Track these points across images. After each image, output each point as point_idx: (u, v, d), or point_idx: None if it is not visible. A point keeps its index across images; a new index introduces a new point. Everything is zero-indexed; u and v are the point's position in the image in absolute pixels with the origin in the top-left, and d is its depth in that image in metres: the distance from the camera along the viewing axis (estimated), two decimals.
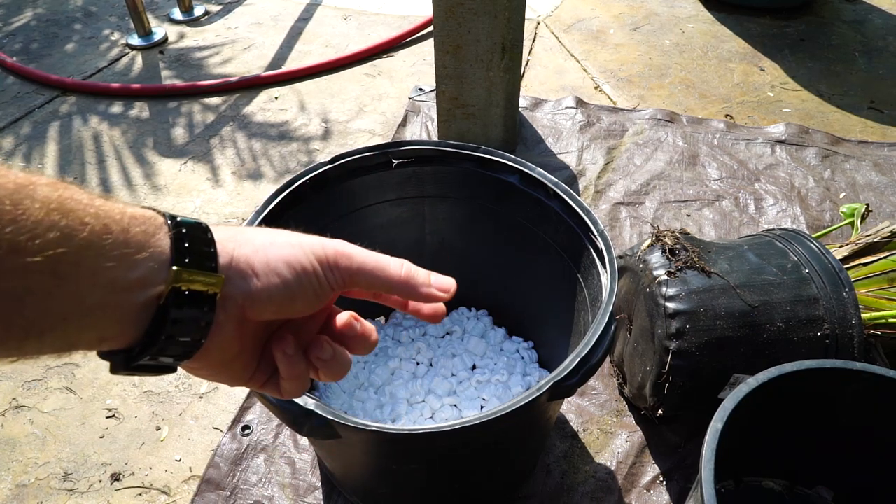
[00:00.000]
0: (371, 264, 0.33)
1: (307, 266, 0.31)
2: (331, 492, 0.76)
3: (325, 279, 0.32)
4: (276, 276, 0.30)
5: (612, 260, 0.62)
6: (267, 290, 0.30)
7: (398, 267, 0.34)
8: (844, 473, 0.70)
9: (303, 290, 0.31)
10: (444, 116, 1.19)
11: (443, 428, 0.50)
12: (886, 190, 1.19)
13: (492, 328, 0.88)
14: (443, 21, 1.05)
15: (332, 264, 0.32)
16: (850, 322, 0.70)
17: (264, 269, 0.30)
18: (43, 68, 1.56)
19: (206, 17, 1.80)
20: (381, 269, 0.33)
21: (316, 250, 0.32)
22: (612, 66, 1.57)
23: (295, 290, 0.30)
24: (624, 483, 0.77)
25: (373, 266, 0.33)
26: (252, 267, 0.30)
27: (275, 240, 0.31)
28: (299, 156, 1.31)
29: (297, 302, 0.31)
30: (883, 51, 1.61)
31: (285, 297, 0.30)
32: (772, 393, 0.57)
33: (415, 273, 0.35)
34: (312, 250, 0.31)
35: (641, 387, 0.76)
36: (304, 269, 0.31)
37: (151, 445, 0.83)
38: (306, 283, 0.31)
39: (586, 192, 1.19)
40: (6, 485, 0.79)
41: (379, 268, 0.33)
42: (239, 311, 0.30)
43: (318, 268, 0.31)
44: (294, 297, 0.31)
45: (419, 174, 0.76)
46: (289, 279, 0.30)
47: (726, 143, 1.29)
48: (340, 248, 0.33)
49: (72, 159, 1.30)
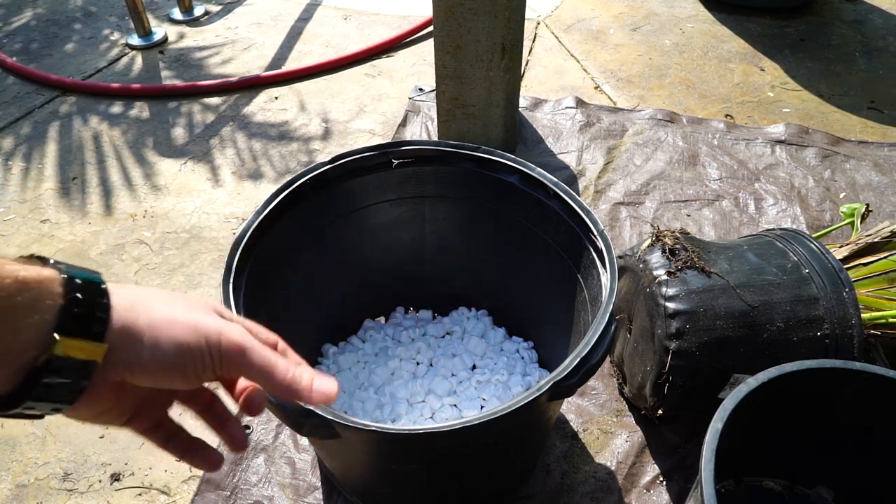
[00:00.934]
0: (258, 365, 0.34)
1: (196, 352, 0.32)
2: (331, 492, 0.76)
3: (210, 366, 0.32)
4: (162, 354, 0.31)
5: (612, 260, 0.62)
6: (149, 365, 0.30)
7: (284, 371, 0.34)
8: (844, 473, 0.70)
9: (184, 372, 0.32)
10: (444, 116, 1.19)
11: (443, 428, 0.50)
12: (886, 190, 1.19)
13: (492, 328, 0.88)
14: (443, 21, 1.05)
15: (223, 355, 0.33)
16: (850, 322, 0.70)
17: (152, 345, 0.30)
18: (43, 68, 1.56)
19: (206, 17, 1.80)
20: (268, 370, 0.34)
21: (210, 337, 0.32)
22: (612, 66, 1.57)
23: (176, 372, 0.31)
24: (624, 483, 0.77)
25: (260, 366, 0.34)
26: (141, 340, 0.30)
27: (175, 317, 0.32)
28: (299, 156, 1.30)
29: (176, 381, 0.32)
30: (883, 51, 1.61)
31: (165, 376, 0.31)
32: (772, 393, 0.57)
33: (299, 379, 0.35)
34: (207, 336, 0.32)
35: (641, 387, 0.76)
36: (192, 354, 0.31)
37: (151, 445, 0.83)
38: (190, 367, 0.32)
39: (586, 192, 1.19)
40: (6, 485, 0.79)
41: (266, 369, 0.34)
42: (118, 377, 0.30)
43: (206, 355, 0.32)
44: (173, 378, 0.32)
45: (419, 174, 0.76)
46: (173, 360, 0.31)
47: (726, 143, 1.29)
48: (236, 340, 0.33)
49: (72, 159, 1.30)
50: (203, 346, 0.32)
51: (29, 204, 1.21)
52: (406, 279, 0.88)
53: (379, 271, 0.85)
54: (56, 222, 1.17)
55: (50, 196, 1.22)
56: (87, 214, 1.18)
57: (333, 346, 0.86)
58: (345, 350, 0.86)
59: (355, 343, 0.87)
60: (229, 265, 0.60)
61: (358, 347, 0.86)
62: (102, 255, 1.10)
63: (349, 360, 0.84)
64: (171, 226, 1.15)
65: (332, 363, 0.83)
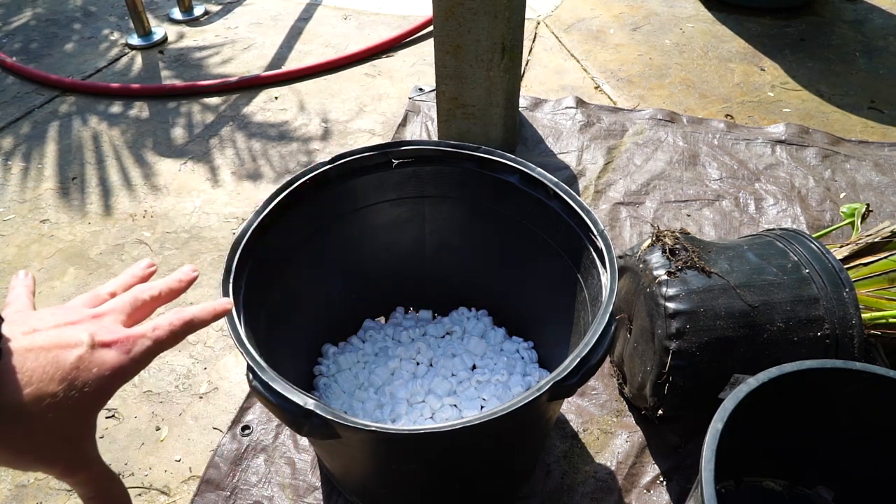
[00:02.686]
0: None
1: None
2: (331, 492, 0.76)
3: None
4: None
5: (612, 260, 0.62)
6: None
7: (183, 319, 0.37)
8: (844, 473, 0.70)
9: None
10: (444, 116, 1.19)
11: (443, 428, 0.50)
12: (887, 190, 1.19)
13: (492, 328, 0.88)
14: (443, 21, 1.05)
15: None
16: (851, 322, 0.70)
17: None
18: (42, 68, 1.56)
19: (206, 17, 1.80)
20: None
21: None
22: (612, 66, 1.57)
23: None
24: (624, 483, 0.77)
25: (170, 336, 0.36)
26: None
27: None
28: (299, 156, 1.30)
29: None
30: (883, 51, 1.61)
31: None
32: (772, 393, 0.57)
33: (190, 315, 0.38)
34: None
35: (641, 387, 0.76)
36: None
37: (151, 446, 0.83)
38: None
39: (586, 192, 1.19)
40: (6, 485, 0.79)
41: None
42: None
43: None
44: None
45: (419, 174, 0.76)
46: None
47: (726, 143, 1.29)
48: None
49: (71, 159, 1.30)
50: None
51: (28, 204, 1.20)
52: (406, 279, 0.88)
53: (379, 271, 0.85)
54: (56, 222, 1.17)
55: (49, 196, 1.22)
56: (87, 214, 1.18)
57: (333, 346, 0.86)
58: (345, 350, 0.86)
59: (355, 343, 0.87)
60: (229, 265, 0.60)
61: (358, 347, 0.86)
62: (102, 255, 1.10)
63: (349, 360, 0.84)
64: (170, 226, 1.15)
65: (332, 363, 0.83)
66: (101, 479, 0.33)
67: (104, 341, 0.33)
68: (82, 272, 1.07)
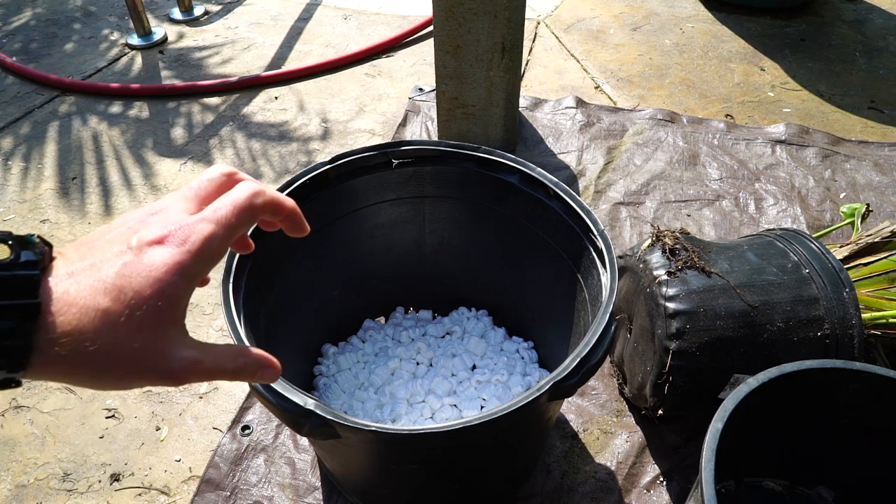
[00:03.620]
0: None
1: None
2: (331, 492, 0.76)
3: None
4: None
5: (612, 260, 0.62)
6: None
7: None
8: (845, 473, 0.70)
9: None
10: (444, 116, 1.19)
11: (443, 428, 0.50)
12: (887, 190, 1.19)
13: (492, 328, 0.88)
14: (443, 21, 1.05)
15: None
16: (851, 322, 0.70)
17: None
18: (42, 68, 1.56)
19: (206, 17, 1.80)
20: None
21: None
22: (612, 66, 1.57)
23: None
24: (624, 483, 0.77)
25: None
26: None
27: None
28: (299, 156, 1.30)
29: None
30: (883, 51, 1.61)
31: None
32: (772, 393, 0.57)
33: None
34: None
35: (641, 387, 0.76)
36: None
37: (151, 445, 0.83)
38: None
39: (586, 192, 1.19)
40: (6, 485, 0.79)
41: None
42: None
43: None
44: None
45: (419, 174, 0.76)
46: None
47: (726, 143, 1.29)
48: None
49: (71, 159, 1.30)
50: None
51: (28, 204, 1.20)
52: (406, 279, 0.88)
53: (379, 271, 0.85)
54: (56, 222, 1.17)
55: (49, 196, 1.22)
56: (87, 214, 1.18)
57: (333, 346, 0.86)
58: (345, 350, 0.86)
59: (355, 343, 0.87)
60: (229, 265, 0.60)
61: (358, 347, 0.86)
62: None
63: (349, 360, 0.84)
64: None
65: (332, 363, 0.83)
66: (221, 372, 0.31)
67: (153, 239, 0.29)
68: None
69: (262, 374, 0.33)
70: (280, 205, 0.34)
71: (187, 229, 0.30)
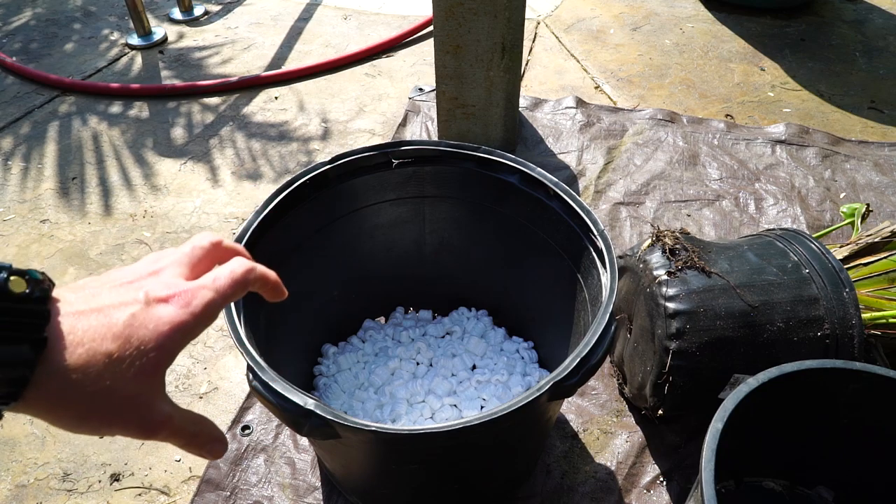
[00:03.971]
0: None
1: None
2: (331, 492, 0.76)
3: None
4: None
5: (612, 260, 0.62)
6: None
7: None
8: (845, 473, 0.70)
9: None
10: (444, 116, 1.19)
11: (443, 428, 0.49)
12: (887, 190, 1.19)
13: (492, 328, 0.88)
14: (443, 21, 1.05)
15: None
16: (851, 322, 0.70)
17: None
18: (42, 68, 1.56)
19: (206, 17, 1.80)
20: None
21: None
22: (612, 66, 1.57)
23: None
24: (624, 483, 0.77)
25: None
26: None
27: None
28: (299, 156, 1.30)
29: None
30: (883, 51, 1.61)
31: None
32: (772, 393, 0.57)
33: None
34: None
35: (641, 387, 0.76)
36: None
37: (151, 445, 0.83)
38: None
39: (586, 192, 1.19)
40: (6, 485, 0.79)
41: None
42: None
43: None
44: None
45: (419, 174, 0.76)
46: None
47: (726, 143, 1.29)
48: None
49: (71, 159, 1.30)
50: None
51: (28, 204, 1.20)
52: (406, 279, 0.88)
53: (379, 271, 0.85)
54: (56, 222, 1.17)
55: (49, 196, 1.22)
56: (87, 214, 1.18)
57: (333, 346, 0.86)
58: (345, 350, 0.86)
59: (355, 343, 0.87)
60: None
61: (358, 347, 0.86)
62: (102, 255, 1.10)
63: (349, 360, 0.84)
64: (170, 226, 1.15)
65: (332, 363, 0.83)
66: (183, 433, 0.33)
67: (160, 297, 0.31)
68: (82, 272, 1.07)
69: (212, 447, 0.35)
70: (266, 279, 0.38)
71: (190, 293, 0.32)
